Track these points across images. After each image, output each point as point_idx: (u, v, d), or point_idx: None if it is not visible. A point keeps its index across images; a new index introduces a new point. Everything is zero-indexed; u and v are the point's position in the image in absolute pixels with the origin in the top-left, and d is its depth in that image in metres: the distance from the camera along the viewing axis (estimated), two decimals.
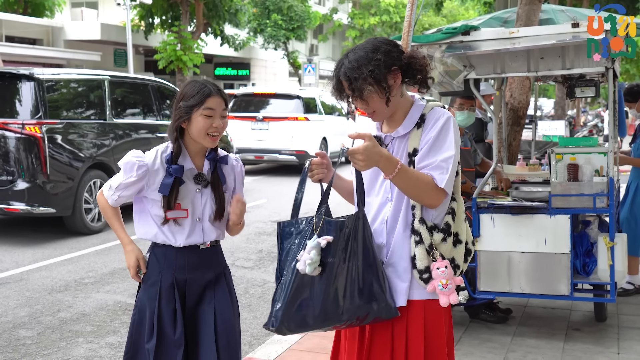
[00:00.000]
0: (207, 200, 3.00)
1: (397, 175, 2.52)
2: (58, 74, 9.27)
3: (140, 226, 3.05)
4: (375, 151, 2.47)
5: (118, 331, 5.37)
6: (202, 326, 3.01)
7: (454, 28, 4.88)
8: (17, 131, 8.34)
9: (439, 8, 23.77)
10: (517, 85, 6.74)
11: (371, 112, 2.67)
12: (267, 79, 39.53)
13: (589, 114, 36.51)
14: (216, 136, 2.92)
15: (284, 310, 2.55)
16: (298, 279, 2.56)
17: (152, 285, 3.00)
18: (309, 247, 2.54)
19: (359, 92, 2.59)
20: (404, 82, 2.67)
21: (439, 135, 2.61)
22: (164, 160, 2.95)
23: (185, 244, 2.98)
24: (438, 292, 2.61)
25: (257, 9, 33.40)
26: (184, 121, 2.91)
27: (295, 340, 4.96)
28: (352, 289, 2.55)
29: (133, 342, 3.02)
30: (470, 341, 5.02)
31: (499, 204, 4.95)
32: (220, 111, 2.91)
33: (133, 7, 26.02)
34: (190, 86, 2.93)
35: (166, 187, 2.91)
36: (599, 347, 4.87)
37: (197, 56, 24.98)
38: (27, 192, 8.40)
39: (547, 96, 46.48)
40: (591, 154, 4.88)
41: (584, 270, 5.00)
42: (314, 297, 2.55)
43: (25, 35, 26.25)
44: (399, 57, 2.63)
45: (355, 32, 40.02)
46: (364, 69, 2.56)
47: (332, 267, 2.55)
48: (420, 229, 2.62)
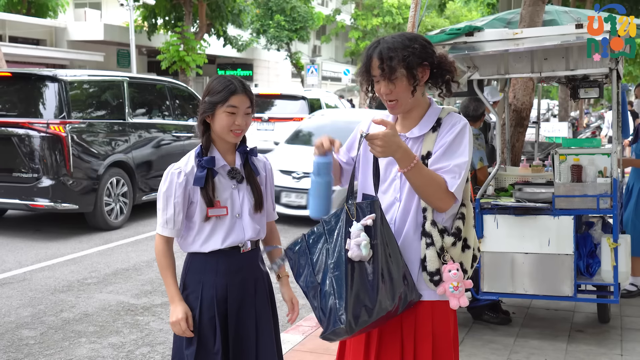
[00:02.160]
0: (245, 195, 2.96)
1: (411, 170, 2.51)
2: (80, 75, 9.61)
3: (183, 239, 2.99)
4: (395, 140, 2.47)
5: (121, 331, 5.37)
6: (245, 341, 2.98)
7: (457, 29, 4.88)
8: (42, 130, 8.66)
9: (442, 9, 23.78)
10: (521, 86, 6.73)
11: (393, 99, 2.65)
12: (269, 80, 39.55)
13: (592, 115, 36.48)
14: (239, 133, 2.91)
15: (346, 305, 2.45)
16: (350, 269, 2.49)
17: (192, 293, 2.96)
18: (355, 232, 2.49)
19: (389, 72, 2.58)
20: (428, 82, 2.67)
21: (454, 140, 2.61)
22: (195, 155, 2.95)
23: (226, 244, 2.93)
24: (448, 295, 2.62)
25: (260, 9, 33.42)
26: (208, 116, 2.91)
27: (298, 341, 4.96)
28: (392, 270, 2.53)
29: (177, 347, 3.01)
30: (473, 342, 5.01)
31: (503, 205, 4.95)
32: (244, 109, 2.89)
33: (136, 7, 26.06)
34: (217, 82, 2.92)
35: (200, 179, 2.88)
36: (602, 349, 4.86)
37: (200, 57, 24.99)
38: (51, 189, 8.70)
39: (550, 97, 46.43)
40: (595, 155, 4.88)
41: (588, 271, 4.99)
42: (368, 286, 2.49)
43: (28, 36, 26.30)
44: (432, 54, 2.64)
45: (358, 33, 40.00)
46: (400, 52, 2.57)
47: (376, 249, 2.51)
48: (432, 231, 2.62)
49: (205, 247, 2.93)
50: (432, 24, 39.87)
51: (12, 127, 8.74)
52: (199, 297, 2.93)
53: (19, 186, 8.75)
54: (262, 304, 3.03)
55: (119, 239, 8.90)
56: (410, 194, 2.65)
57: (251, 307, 2.99)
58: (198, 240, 2.94)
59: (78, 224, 9.63)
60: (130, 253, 8.06)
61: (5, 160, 8.83)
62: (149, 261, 7.58)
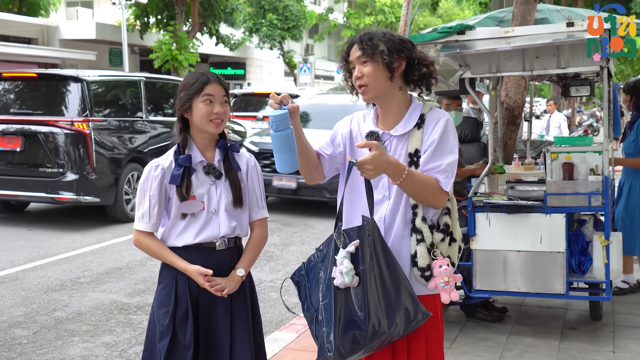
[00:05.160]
0: (222, 191, 2.96)
1: (404, 181, 2.57)
2: (102, 75, 10.18)
3: (162, 234, 3.00)
4: (383, 159, 2.51)
5: (114, 330, 5.37)
6: (217, 340, 2.97)
7: (449, 27, 4.89)
8: (67, 128, 9.21)
9: (434, 8, 23.82)
10: (513, 84, 6.75)
11: (364, 84, 2.69)
12: (262, 79, 39.51)
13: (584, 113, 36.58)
14: (219, 122, 2.92)
15: (334, 333, 2.51)
16: (338, 296, 2.54)
17: (165, 287, 2.98)
18: (339, 260, 2.55)
19: (370, 51, 2.65)
20: (407, 78, 2.71)
21: (441, 138, 2.66)
22: (174, 153, 2.96)
23: (199, 239, 2.93)
24: (440, 290, 2.68)
25: (252, 8, 33.40)
26: (185, 110, 2.92)
27: (292, 339, 4.97)
28: (386, 294, 2.55)
29: (150, 340, 3.02)
30: (466, 340, 5.03)
31: (495, 203, 4.96)
32: (220, 97, 2.92)
33: (128, 6, 25.97)
34: (190, 76, 2.98)
35: (176, 177, 2.91)
36: (595, 346, 4.88)
37: (193, 56, 24.96)
38: (75, 183, 9.24)
39: (542, 95, 46.54)
40: (586, 152, 4.90)
41: (580, 269, 5.01)
42: (358, 312, 2.53)
43: (20, 35, 26.18)
44: (410, 50, 2.70)
45: (350, 31, 40.01)
46: (379, 38, 2.67)
47: (365, 274, 2.54)
48: (423, 227, 2.66)
49: (178, 241, 2.95)
50: (424, 22, 39.93)
51: (38, 125, 9.29)
52: (171, 292, 2.95)
53: (45, 180, 9.27)
54: (237, 304, 3.00)
55: (112, 237, 8.89)
56: (398, 192, 2.69)
57: (225, 306, 2.97)
58: (173, 234, 2.96)
59: (71, 223, 9.64)
60: (123, 252, 8.05)
61: (31, 156, 9.35)
62: (142, 260, 7.57)
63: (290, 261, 7.75)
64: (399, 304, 2.55)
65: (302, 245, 8.58)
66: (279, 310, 5.92)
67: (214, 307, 2.96)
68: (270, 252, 8.13)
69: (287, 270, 7.29)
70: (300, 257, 7.91)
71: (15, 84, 10.01)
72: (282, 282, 2.84)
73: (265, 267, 7.47)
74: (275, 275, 7.14)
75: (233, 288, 2.95)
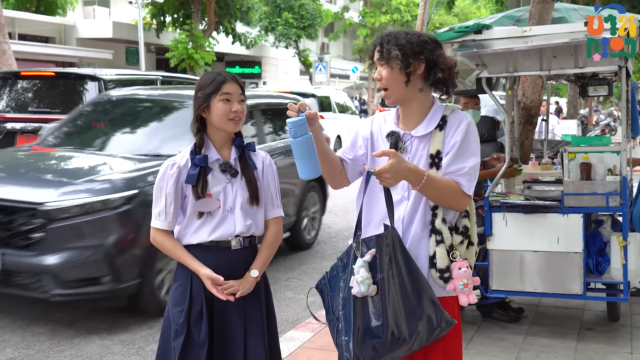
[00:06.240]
0: (238, 189, 2.98)
1: (424, 186, 2.57)
2: (118, 74, 10.10)
3: (178, 232, 3.02)
4: (402, 166, 2.52)
5: (131, 328, 5.40)
6: (231, 340, 2.98)
7: (466, 27, 4.88)
8: None
9: (450, 6, 23.72)
10: (530, 84, 6.72)
11: (384, 87, 2.71)
12: (278, 78, 39.57)
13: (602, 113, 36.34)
14: (238, 120, 2.94)
15: (353, 342, 2.53)
16: (357, 305, 2.56)
17: (180, 286, 3.00)
18: (356, 269, 2.56)
19: (384, 56, 2.66)
20: (427, 79, 2.70)
21: (463, 140, 2.66)
22: (190, 152, 2.98)
23: (213, 237, 2.94)
24: (458, 292, 2.67)
25: (268, 7, 33.45)
26: (203, 110, 2.94)
27: (307, 338, 4.98)
28: (407, 302, 2.55)
29: (164, 338, 3.04)
30: (482, 340, 5.02)
31: (512, 203, 4.95)
32: (237, 96, 2.94)
33: (145, 5, 26.10)
34: (206, 76, 3.00)
35: (192, 177, 2.92)
36: (612, 347, 4.85)
37: (209, 54, 25.03)
38: None
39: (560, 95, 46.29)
40: (604, 152, 4.87)
41: (597, 269, 4.99)
42: (375, 321, 2.54)
43: (37, 34, 26.40)
44: (431, 52, 2.68)
45: (366, 30, 39.98)
46: (398, 40, 2.65)
47: (383, 283, 2.55)
48: (442, 228, 2.66)
49: (193, 239, 2.96)
50: (440, 21, 39.81)
51: None
52: (186, 291, 2.96)
53: None
54: (252, 304, 3.01)
55: None
56: (418, 193, 2.68)
57: (239, 306, 2.98)
58: (189, 232, 2.98)
59: None
60: None
61: None
62: None
63: (306, 260, 7.76)
64: (421, 312, 2.55)
65: (318, 244, 8.58)
66: (294, 309, 5.94)
67: (228, 307, 2.97)
68: (287, 250, 8.14)
69: (303, 269, 7.31)
70: (316, 256, 7.92)
71: (33, 82, 10.06)
72: (307, 291, 2.86)
73: (281, 265, 7.48)
74: (290, 274, 7.16)
75: (247, 289, 2.96)
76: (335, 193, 8.92)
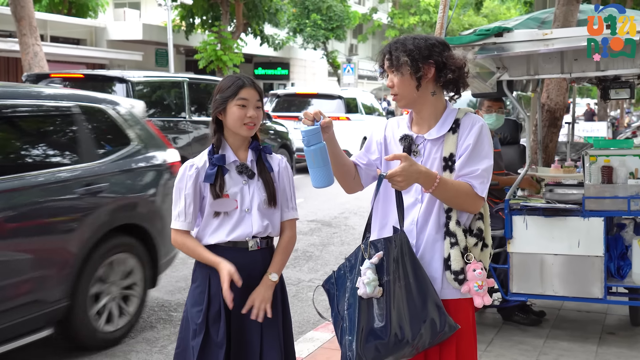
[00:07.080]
0: (255, 190, 3.02)
1: (436, 189, 2.60)
2: (146, 76, 10.40)
3: (197, 233, 3.07)
4: (414, 170, 2.55)
5: (154, 327, 5.48)
6: (248, 341, 3.02)
7: (487, 30, 4.88)
8: None
9: (478, 7, 23.60)
10: (554, 86, 6.68)
11: (395, 93, 2.74)
12: (306, 79, 39.64)
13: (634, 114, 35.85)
14: (252, 125, 2.99)
15: (357, 342, 2.57)
16: (362, 306, 2.60)
17: (199, 287, 3.05)
18: (363, 270, 2.60)
19: (392, 63, 2.68)
20: (438, 82, 2.72)
21: (476, 143, 2.68)
22: (208, 152, 3.04)
23: (231, 237, 2.99)
24: (473, 294, 2.69)
25: (296, 8, 33.53)
26: (220, 112, 3.00)
27: (327, 339, 5.02)
28: (412, 305, 2.58)
29: (183, 337, 3.10)
30: (502, 343, 5.01)
31: (532, 206, 4.94)
32: (254, 102, 2.99)
33: (174, 7, 26.34)
34: (226, 79, 3.06)
35: (210, 176, 2.98)
36: (634, 352, 4.82)
37: (237, 56, 25.18)
38: None
39: (591, 97, 45.73)
40: (626, 156, 4.83)
41: (618, 273, 4.95)
42: (379, 322, 2.58)
43: (69, 36, 26.73)
44: (440, 54, 2.70)
45: (395, 31, 39.87)
46: (405, 46, 2.68)
47: (389, 286, 2.59)
48: (457, 230, 2.68)
49: (211, 239, 3.01)
50: (469, 22, 39.57)
51: None
52: (204, 291, 3.01)
53: None
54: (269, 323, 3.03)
55: None
56: (431, 195, 2.70)
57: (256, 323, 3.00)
58: (207, 232, 3.02)
59: None
60: None
61: None
62: (183, 258, 7.68)
63: (329, 261, 7.80)
64: (425, 315, 2.58)
65: (342, 245, 8.62)
66: (308, 314, 5.98)
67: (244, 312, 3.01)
68: (310, 252, 8.19)
69: (326, 270, 7.34)
70: (340, 257, 7.95)
71: (63, 84, 10.24)
72: (314, 288, 2.91)
73: (304, 267, 7.53)
74: (314, 275, 7.20)
75: (269, 297, 3.00)
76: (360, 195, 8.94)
